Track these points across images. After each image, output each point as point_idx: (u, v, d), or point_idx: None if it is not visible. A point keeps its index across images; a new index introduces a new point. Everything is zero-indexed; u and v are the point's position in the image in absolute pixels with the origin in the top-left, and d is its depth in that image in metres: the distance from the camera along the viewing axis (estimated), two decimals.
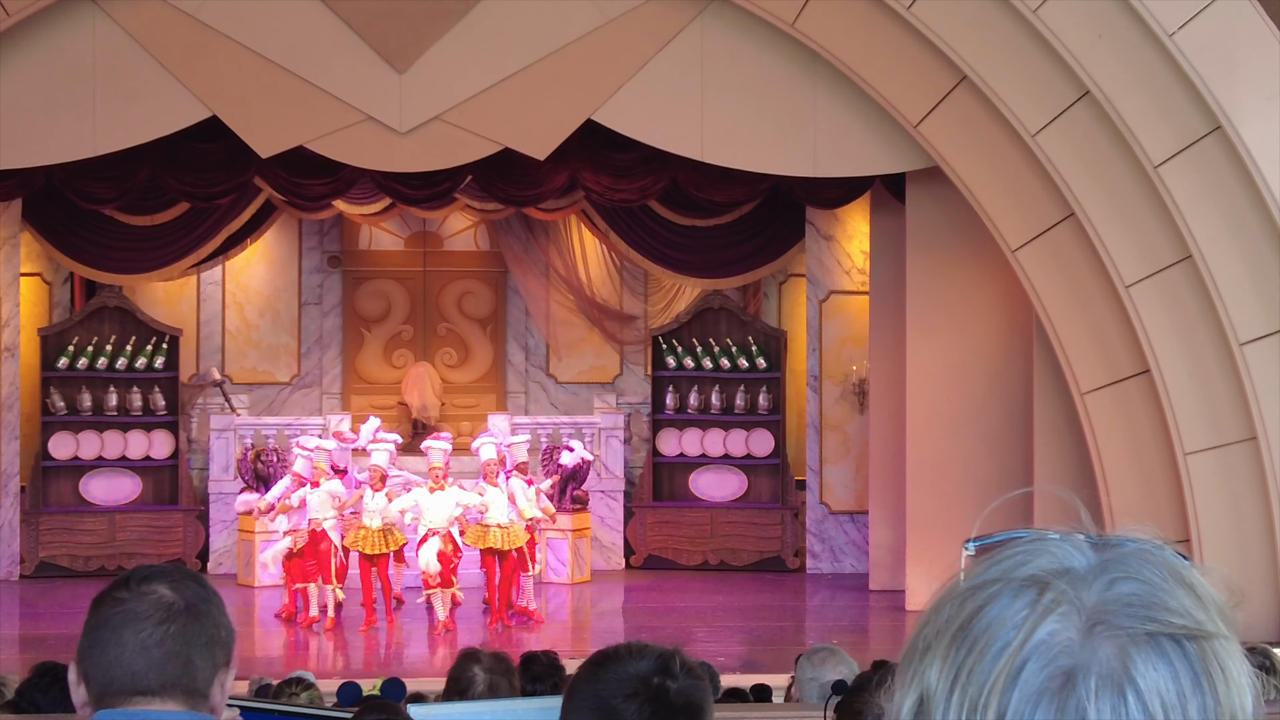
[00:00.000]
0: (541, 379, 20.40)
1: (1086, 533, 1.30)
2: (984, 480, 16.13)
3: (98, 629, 2.64)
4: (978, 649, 1.24)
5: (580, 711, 2.72)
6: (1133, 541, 1.29)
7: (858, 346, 18.99)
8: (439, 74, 15.28)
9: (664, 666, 2.72)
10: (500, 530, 15.88)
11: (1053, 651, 1.23)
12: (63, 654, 10.51)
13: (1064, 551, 1.27)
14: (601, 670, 2.74)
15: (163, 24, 15.09)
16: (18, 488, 18.56)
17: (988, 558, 1.30)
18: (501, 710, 4.42)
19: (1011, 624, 1.24)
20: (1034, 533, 1.31)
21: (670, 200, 18.22)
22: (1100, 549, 1.28)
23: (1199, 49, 13.28)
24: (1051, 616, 1.23)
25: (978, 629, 1.25)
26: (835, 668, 5.97)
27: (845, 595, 17.96)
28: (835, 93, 15.28)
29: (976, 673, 1.24)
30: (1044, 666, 1.22)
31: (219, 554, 18.81)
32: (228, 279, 19.93)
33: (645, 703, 2.68)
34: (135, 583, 2.65)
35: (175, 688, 2.60)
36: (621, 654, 2.76)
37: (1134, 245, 13.82)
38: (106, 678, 2.62)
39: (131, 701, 2.60)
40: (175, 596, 2.63)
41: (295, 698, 6.71)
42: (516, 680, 6.22)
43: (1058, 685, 1.22)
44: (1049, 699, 1.22)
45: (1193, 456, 13.72)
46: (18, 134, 15.25)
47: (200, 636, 2.62)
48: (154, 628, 2.60)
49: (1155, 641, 1.23)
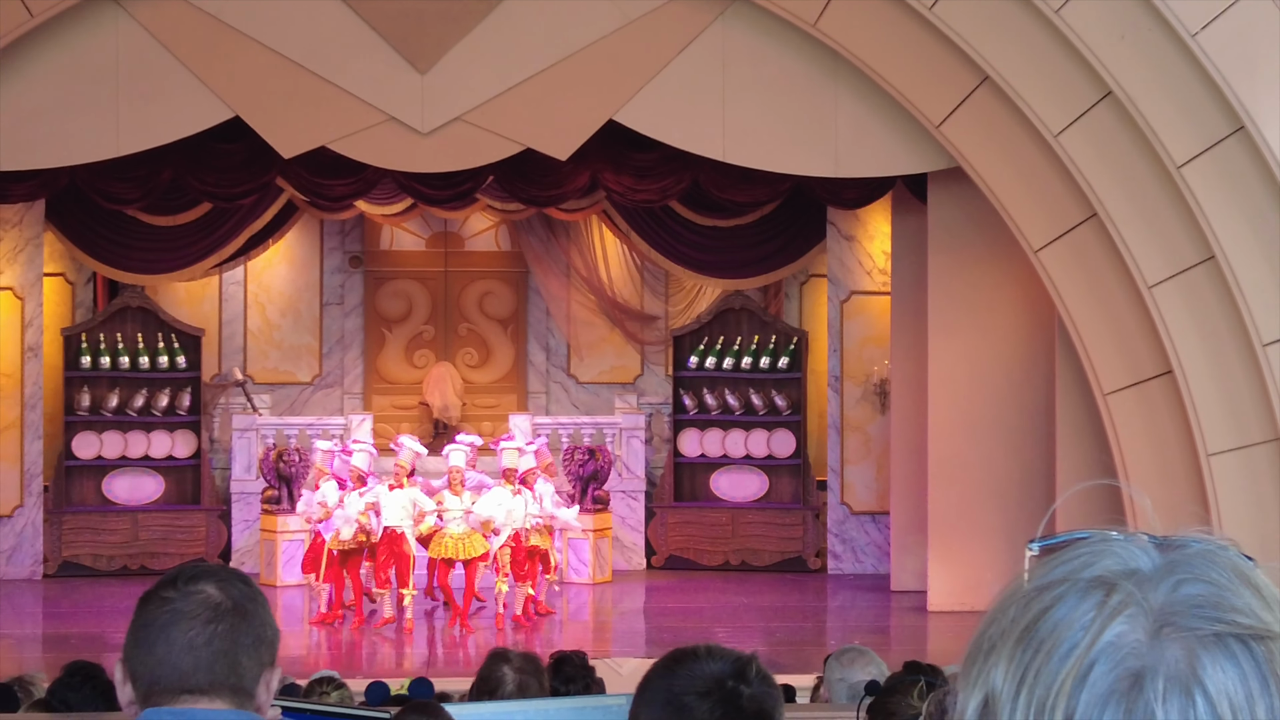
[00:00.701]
0: (562, 379, 20.42)
1: (1150, 533, 1.30)
2: (1006, 481, 16.12)
3: (145, 628, 2.65)
4: (1044, 650, 1.24)
5: (652, 706, 2.72)
6: (1197, 542, 1.29)
7: (879, 347, 18.98)
8: (461, 74, 15.30)
9: (740, 671, 2.74)
10: (454, 540, 15.81)
11: (1121, 653, 1.23)
12: (86, 653, 10.56)
13: (1129, 552, 1.27)
14: (678, 666, 2.74)
15: (185, 25, 15.13)
16: (41, 487, 18.62)
17: (1052, 558, 1.30)
18: (534, 710, 4.44)
19: (1079, 625, 1.24)
20: (1098, 533, 1.31)
21: (691, 200, 18.23)
22: (1165, 550, 1.28)
23: (1222, 49, 13.25)
24: (1119, 618, 1.23)
25: (1044, 630, 1.25)
26: (865, 668, 5.97)
27: (867, 596, 17.95)
28: (857, 93, 15.28)
29: (1044, 674, 1.24)
30: (1112, 668, 1.22)
31: (241, 553, 18.85)
32: (250, 279, 19.97)
33: (718, 703, 2.69)
34: (182, 582, 2.67)
35: (223, 687, 2.62)
36: (700, 653, 2.77)
37: (1156, 246, 13.80)
38: (153, 676, 2.63)
39: (179, 700, 2.62)
40: (222, 596, 2.65)
41: (325, 696, 6.73)
42: (545, 680, 6.23)
43: (1126, 687, 1.22)
44: (1117, 701, 1.22)
45: (1216, 457, 13.69)
46: (41, 135, 15.30)
47: (247, 636, 2.64)
48: (202, 627, 2.62)
49: (1223, 643, 1.23)
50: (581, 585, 18.17)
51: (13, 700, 7.55)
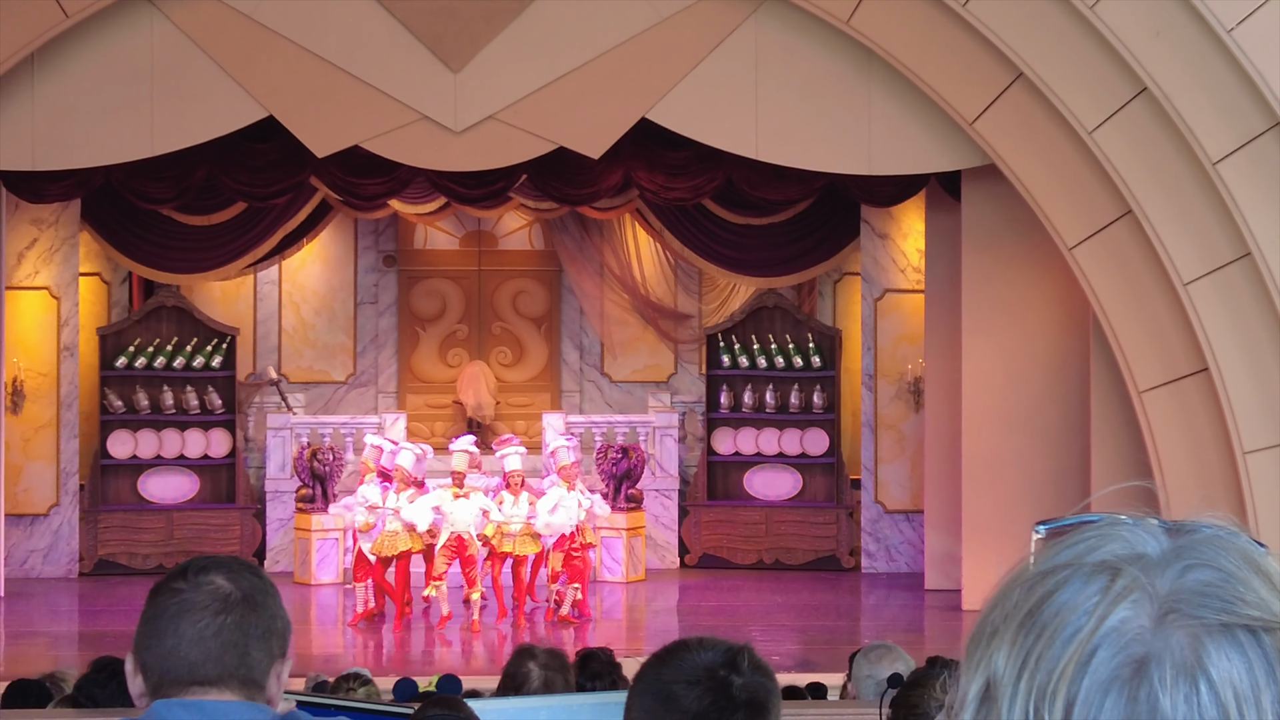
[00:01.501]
0: (596, 378, 20.42)
1: (1160, 518, 1.28)
2: (1040, 479, 16.05)
3: (155, 619, 2.65)
4: (1047, 635, 1.22)
5: (643, 696, 2.69)
6: (1208, 527, 1.26)
7: (913, 345, 18.93)
8: (494, 73, 15.31)
9: (731, 660, 2.69)
10: (515, 540, 16.06)
11: (1125, 639, 1.20)
12: (121, 650, 10.58)
13: (1137, 537, 1.25)
14: (669, 658, 2.72)
15: (220, 25, 15.17)
16: (77, 486, 18.71)
17: (1058, 541, 1.27)
18: (559, 706, 4.42)
19: (1083, 610, 1.22)
20: (1106, 517, 1.28)
21: (724, 199, 18.20)
22: (1174, 534, 1.25)
23: (1258, 45, 13.17)
24: (1124, 603, 1.21)
25: (1047, 614, 1.23)
26: (891, 664, 5.94)
27: (900, 595, 17.90)
28: (890, 90, 15.23)
29: (1045, 659, 1.21)
30: (1115, 654, 1.20)
31: (275, 552, 18.90)
32: (284, 278, 20.03)
33: (706, 692, 2.64)
34: (192, 573, 2.66)
35: (232, 678, 2.61)
36: (691, 645, 2.73)
37: (1192, 243, 13.72)
38: (163, 668, 2.63)
39: (188, 691, 2.61)
40: (232, 587, 2.64)
41: (352, 693, 6.74)
42: (572, 677, 6.21)
43: (1129, 673, 1.20)
44: (1120, 687, 1.20)
45: (1252, 455, 13.61)
46: (76, 135, 15.37)
47: (257, 627, 2.63)
48: (211, 618, 2.61)
49: (1229, 632, 1.21)
50: (615, 584, 18.16)
51: (44, 696, 7.59)
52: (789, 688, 8.77)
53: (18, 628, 16.15)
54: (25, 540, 18.45)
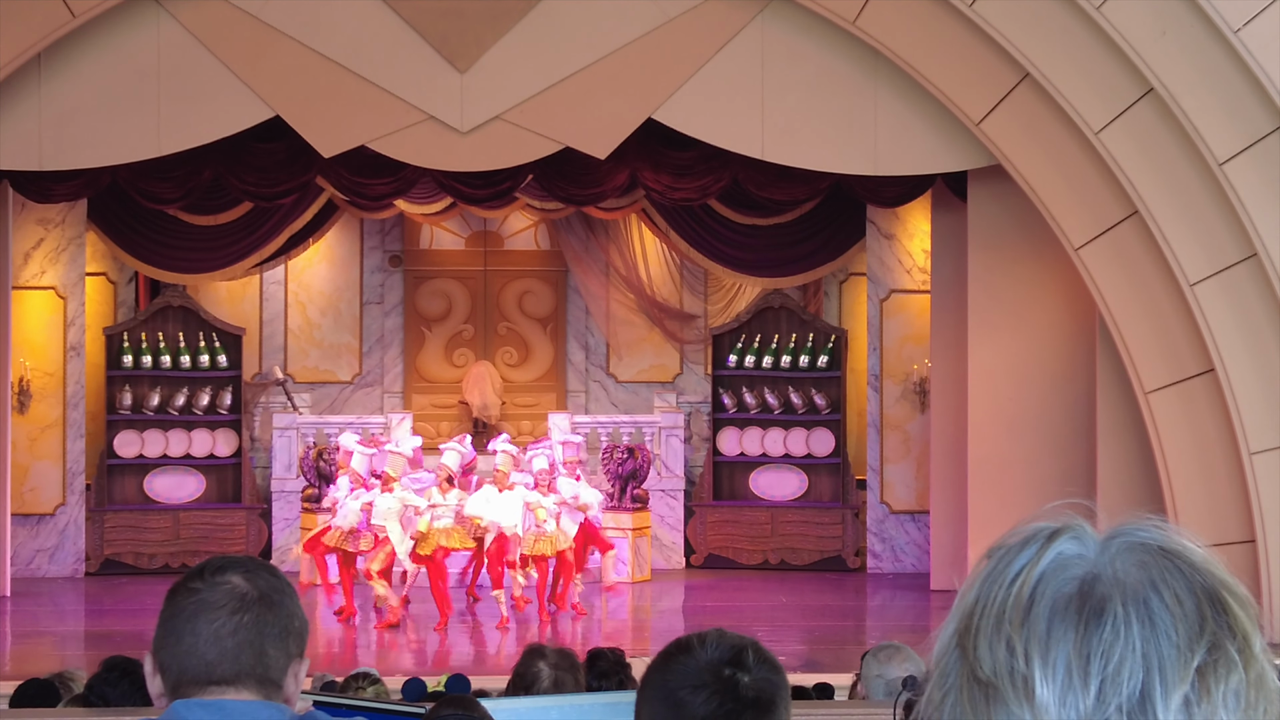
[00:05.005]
0: (601, 378, 20.42)
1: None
2: (1046, 480, 16.04)
3: (172, 619, 2.65)
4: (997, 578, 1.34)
5: (650, 702, 2.62)
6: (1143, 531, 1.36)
7: (919, 345, 18.92)
8: (500, 73, 15.32)
9: (736, 657, 2.61)
10: (545, 539, 16.11)
11: (1067, 561, 1.32)
12: (128, 650, 10.58)
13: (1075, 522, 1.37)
14: (672, 660, 2.64)
15: (226, 25, 15.19)
16: (83, 486, 18.73)
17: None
18: (569, 706, 4.43)
19: (1026, 555, 1.34)
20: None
21: (730, 199, 18.20)
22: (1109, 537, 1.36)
23: (1264, 45, 13.17)
24: (1063, 538, 1.33)
25: (999, 566, 1.35)
26: (901, 665, 5.95)
27: (906, 595, 17.90)
28: (896, 91, 15.24)
29: (997, 595, 1.33)
30: (1060, 573, 1.31)
31: (281, 551, 18.91)
32: (290, 278, 20.04)
33: (714, 694, 2.57)
34: (210, 573, 2.67)
35: (249, 677, 2.62)
36: (694, 643, 2.65)
37: (1198, 243, 13.72)
38: (181, 667, 2.64)
39: (206, 691, 2.62)
40: (249, 586, 2.64)
41: (361, 692, 6.75)
42: (581, 676, 6.23)
43: (1075, 589, 1.30)
44: (1066, 604, 1.30)
45: (1258, 456, 13.61)
46: (83, 135, 15.39)
47: (274, 626, 2.63)
48: (228, 617, 2.62)
49: (1170, 558, 1.30)
50: (620, 584, 18.16)
51: (53, 695, 7.60)
52: (794, 688, 8.77)
53: (24, 627, 16.17)
54: (31, 540, 18.47)
